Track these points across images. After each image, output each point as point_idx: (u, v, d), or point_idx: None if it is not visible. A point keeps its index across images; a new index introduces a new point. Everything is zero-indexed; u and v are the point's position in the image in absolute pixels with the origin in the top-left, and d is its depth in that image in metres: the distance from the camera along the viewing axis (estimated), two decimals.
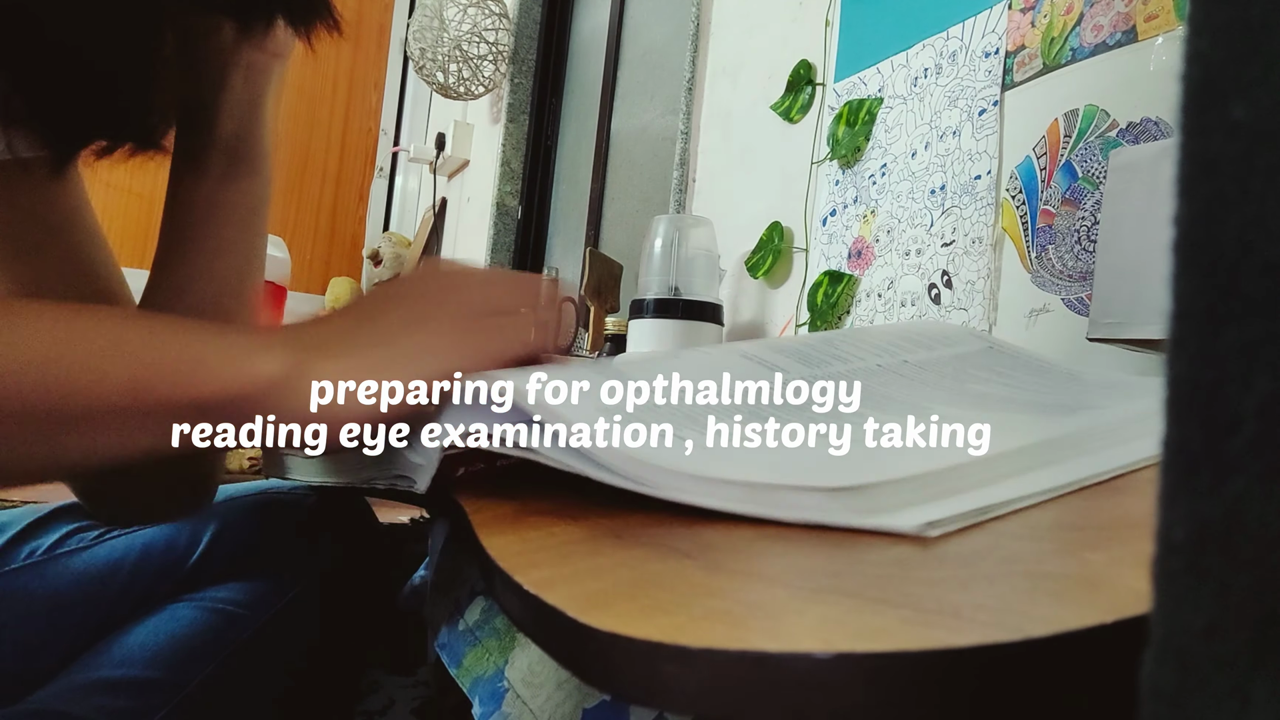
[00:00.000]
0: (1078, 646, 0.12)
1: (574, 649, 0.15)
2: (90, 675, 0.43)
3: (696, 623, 0.14)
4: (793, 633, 0.13)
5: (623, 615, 0.15)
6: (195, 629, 0.47)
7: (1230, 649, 0.09)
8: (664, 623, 0.14)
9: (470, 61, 2.16)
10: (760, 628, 0.14)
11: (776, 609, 0.15)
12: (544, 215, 2.33)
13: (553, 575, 0.18)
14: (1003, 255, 0.77)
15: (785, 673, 0.13)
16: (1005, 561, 0.17)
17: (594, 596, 0.16)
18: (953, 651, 0.12)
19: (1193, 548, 0.10)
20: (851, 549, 0.18)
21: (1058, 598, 0.14)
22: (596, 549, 0.20)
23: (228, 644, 0.47)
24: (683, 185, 1.36)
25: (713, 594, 0.16)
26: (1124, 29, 0.67)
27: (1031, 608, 0.14)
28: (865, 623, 0.13)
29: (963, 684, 0.12)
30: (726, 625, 0.14)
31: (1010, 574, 0.16)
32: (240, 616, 0.49)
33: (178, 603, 0.49)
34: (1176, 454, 0.10)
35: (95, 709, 0.41)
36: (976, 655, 0.12)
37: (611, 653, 0.14)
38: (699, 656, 0.13)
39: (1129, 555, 0.16)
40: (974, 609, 0.14)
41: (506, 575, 0.18)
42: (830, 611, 0.14)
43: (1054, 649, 0.12)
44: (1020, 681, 0.12)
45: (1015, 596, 0.14)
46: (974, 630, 0.13)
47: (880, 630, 0.13)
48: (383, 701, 0.62)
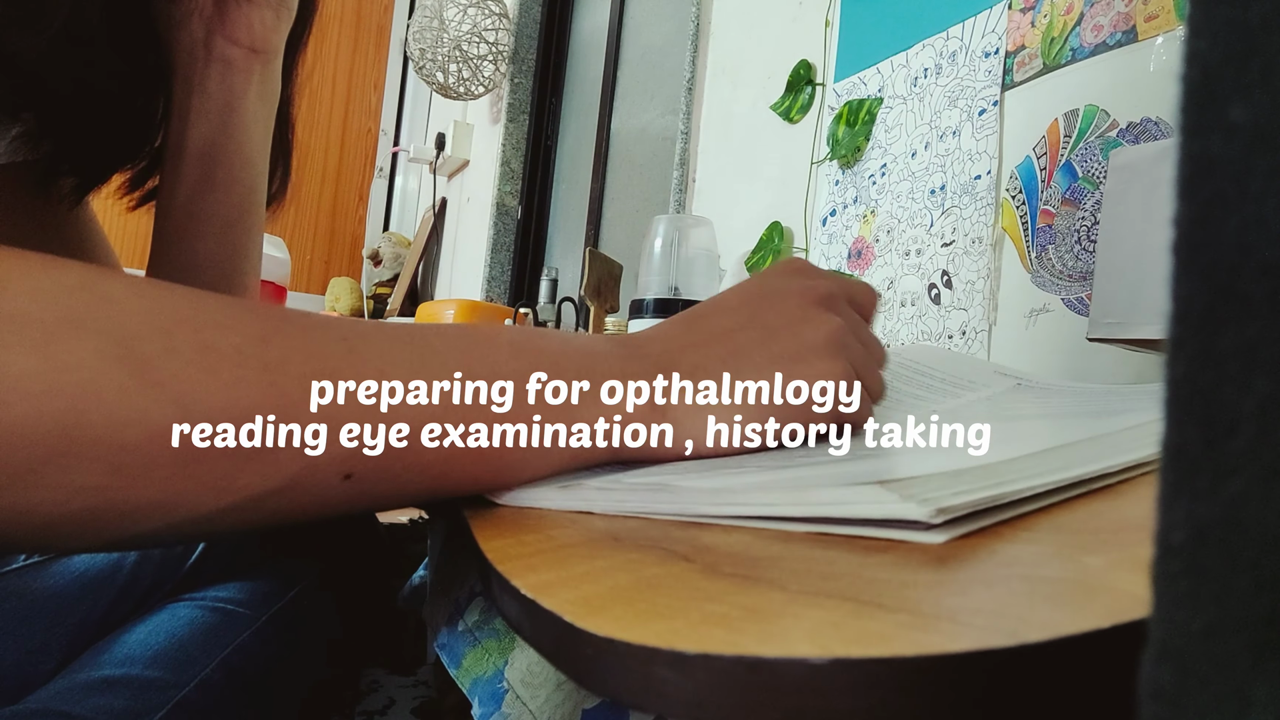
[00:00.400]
0: (1075, 651, 0.12)
1: (570, 653, 0.15)
2: (89, 675, 0.43)
3: (693, 627, 0.14)
4: (788, 638, 0.13)
5: (619, 620, 0.15)
6: (195, 628, 0.47)
7: (1230, 650, 0.09)
8: (660, 627, 0.14)
9: (470, 61, 2.16)
10: (756, 632, 0.14)
11: (773, 613, 0.15)
12: (544, 215, 2.33)
13: (550, 579, 0.18)
14: (1002, 255, 0.77)
15: (780, 678, 0.13)
16: (1003, 565, 0.17)
17: (590, 600, 0.16)
18: (948, 657, 0.12)
19: (1192, 549, 0.10)
20: (850, 552, 0.18)
21: (1055, 602, 0.14)
22: (594, 552, 0.20)
23: (227, 643, 0.47)
24: (683, 185, 1.36)
25: (710, 598, 0.16)
26: (1124, 29, 0.67)
27: (1028, 612, 0.14)
28: (861, 627, 0.13)
29: (959, 689, 0.12)
30: (723, 630, 0.14)
31: (1008, 578, 0.16)
32: (240, 615, 0.49)
33: (177, 602, 0.49)
34: (1175, 455, 0.10)
35: (94, 709, 0.41)
36: (972, 661, 0.12)
37: (607, 658, 0.14)
38: (694, 662, 0.13)
39: (1127, 559, 0.16)
40: (970, 613, 0.14)
41: (503, 578, 0.18)
42: (827, 616, 0.14)
43: (1050, 654, 0.12)
44: (1017, 687, 0.12)
45: (1012, 601, 0.14)
46: (970, 635, 0.13)
47: (876, 635, 0.13)
48: (383, 701, 0.62)
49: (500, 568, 0.19)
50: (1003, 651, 0.12)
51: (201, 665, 0.45)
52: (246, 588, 0.50)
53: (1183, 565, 0.10)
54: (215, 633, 0.47)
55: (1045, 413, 0.35)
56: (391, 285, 2.69)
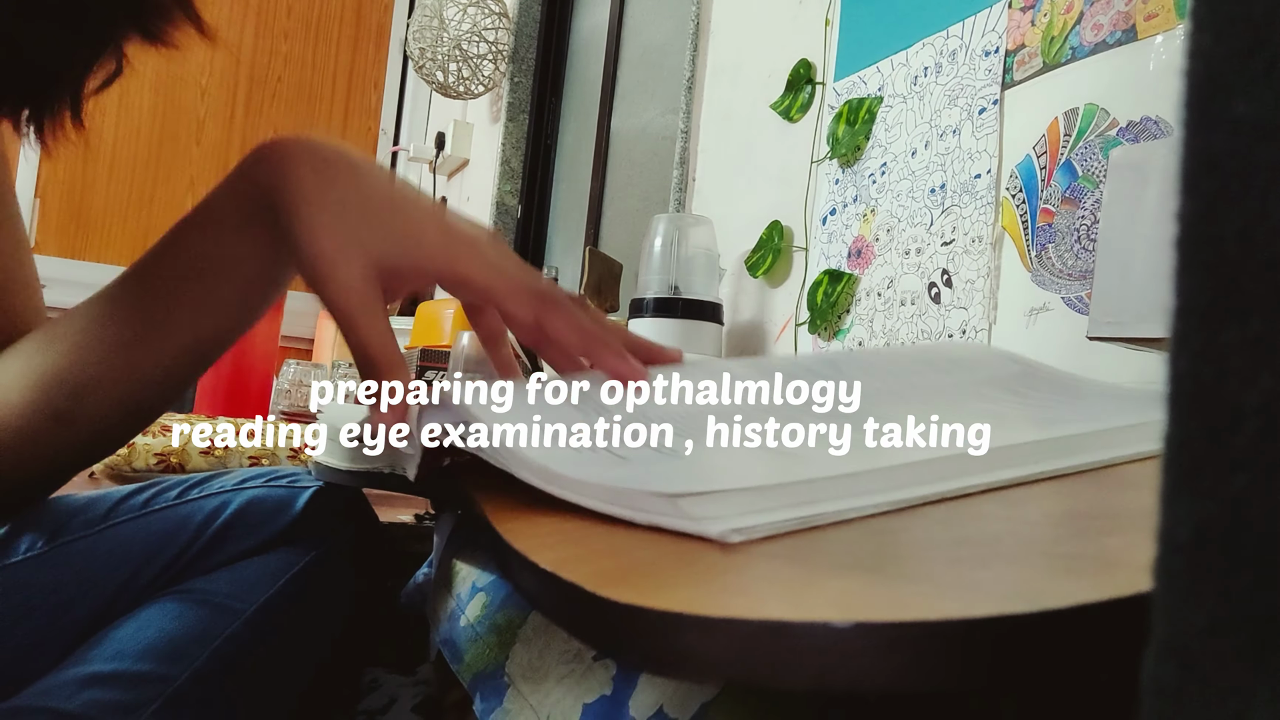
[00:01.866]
0: (1095, 619, 0.13)
1: (593, 624, 0.16)
2: (81, 670, 0.43)
3: (715, 595, 0.14)
4: (812, 604, 0.14)
5: (641, 589, 0.15)
6: (184, 621, 0.47)
7: (1232, 647, 0.09)
8: (682, 595, 0.14)
9: (470, 61, 2.16)
10: (780, 599, 0.14)
11: (796, 583, 0.15)
12: (544, 214, 2.33)
13: (569, 555, 0.18)
14: (1002, 254, 0.77)
15: (805, 641, 0.13)
16: (1024, 544, 0.17)
17: (610, 573, 0.16)
18: (970, 621, 0.12)
19: (1194, 546, 0.10)
20: (869, 532, 0.18)
21: (1076, 575, 0.14)
22: (611, 532, 0.20)
23: (218, 634, 0.47)
24: (683, 184, 1.36)
25: (730, 570, 0.16)
26: (1124, 28, 0.67)
27: (1049, 584, 0.14)
28: (884, 595, 0.14)
29: (980, 653, 0.12)
30: (746, 598, 0.14)
31: (1029, 554, 0.16)
32: (229, 607, 0.49)
33: (166, 596, 0.49)
34: (1178, 451, 0.10)
35: (86, 703, 0.41)
36: (994, 625, 0.12)
37: (632, 624, 0.15)
38: (719, 626, 0.13)
39: (1146, 540, 0.16)
40: (992, 583, 0.14)
41: (522, 556, 0.18)
42: (849, 585, 0.14)
43: (1071, 620, 0.12)
44: (1037, 652, 0.12)
45: (1034, 574, 0.15)
46: (991, 602, 0.13)
47: (898, 602, 0.13)
48: (383, 700, 0.62)
49: (519, 546, 0.19)
50: (1023, 617, 0.12)
51: (193, 657, 0.45)
52: (236, 579, 0.50)
53: (1185, 561, 0.10)
54: (205, 625, 0.47)
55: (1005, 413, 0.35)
56: None
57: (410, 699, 0.63)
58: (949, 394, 0.38)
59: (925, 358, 0.43)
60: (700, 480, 0.22)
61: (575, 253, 2.05)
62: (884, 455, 0.26)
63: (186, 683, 0.44)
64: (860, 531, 0.19)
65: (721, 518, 0.19)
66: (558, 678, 0.31)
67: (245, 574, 0.51)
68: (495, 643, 0.37)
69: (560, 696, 0.30)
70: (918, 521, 0.19)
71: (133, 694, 0.42)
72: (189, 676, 0.44)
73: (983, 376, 0.42)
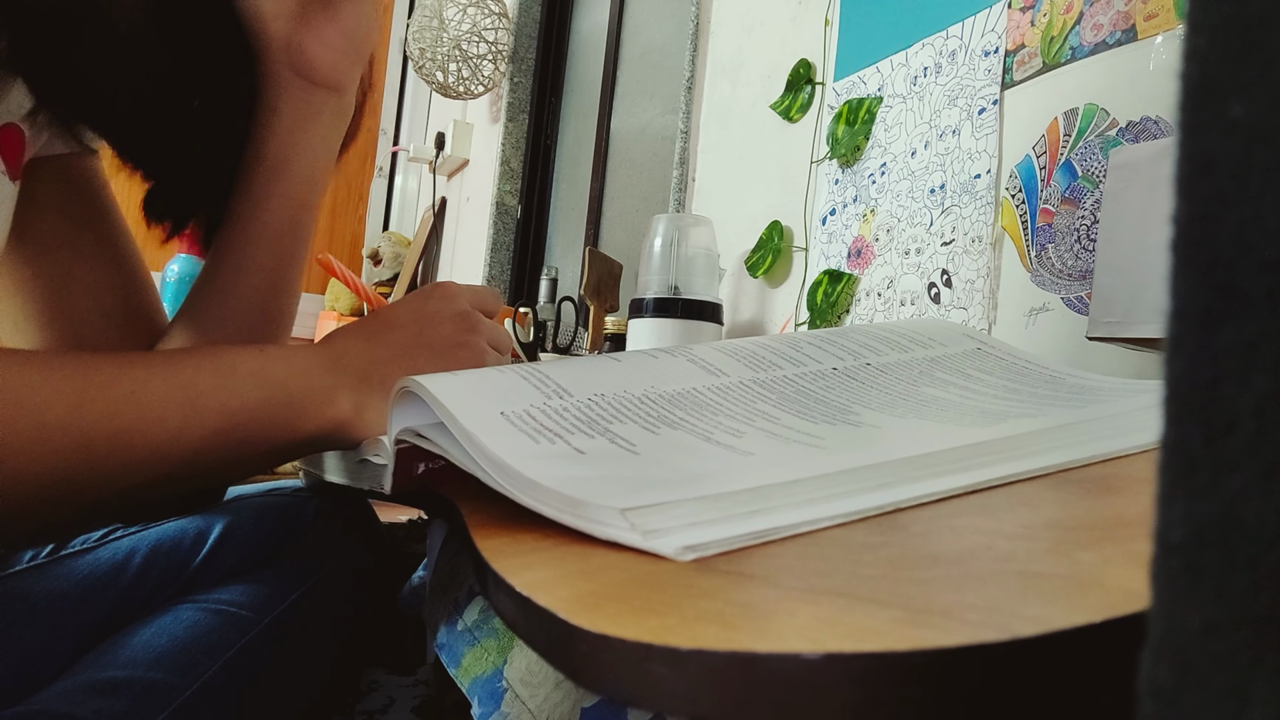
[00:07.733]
0: (1067, 646, 0.12)
1: (565, 651, 0.15)
2: (92, 676, 0.43)
3: (687, 624, 0.14)
4: (782, 633, 0.13)
5: (613, 617, 0.15)
6: (197, 630, 0.47)
7: (1229, 648, 0.09)
8: (654, 624, 0.14)
9: (470, 61, 2.16)
10: (750, 628, 0.14)
11: (767, 609, 0.15)
12: (544, 215, 2.33)
13: (545, 577, 0.18)
14: (1002, 254, 0.77)
15: (774, 673, 0.13)
16: (998, 560, 0.17)
17: (585, 598, 0.16)
18: (941, 651, 0.12)
19: (1191, 547, 0.10)
20: (844, 548, 0.18)
21: (1048, 597, 0.14)
22: (590, 550, 0.20)
23: (230, 645, 0.47)
24: (682, 184, 1.36)
25: (704, 594, 0.16)
26: (1124, 28, 0.67)
27: (1021, 607, 0.14)
28: (855, 623, 0.13)
29: (952, 684, 0.12)
30: (717, 626, 0.14)
31: (1003, 573, 0.16)
32: (243, 618, 0.49)
33: (181, 604, 0.49)
34: (1174, 453, 0.10)
35: (95, 711, 0.41)
36: (965, 655, 0.12)
37: (602, 655, 0.14)
38: (689, 658, 0.13)
39: (1120, 554, 0.16)
40: (964, 609, 0.14)
41: (499, 576, 0.18)
42: (821, 612, 0.14)
43: (1043, 648, 0.12)
44: (1010, 681, 0.12)
45: (1006, 596, 0.14)
46: (963, 630, 0.13)
47: (870, 630, 0.13)
48: (383, 701, 0.62)
49: (496, 565, 0.19)
50: (995, 646, 0.12)
51: (204, 668, 0.45)
52: (250, 590, 0.50)
53: (1182, 563, 0.10)
54: (218, 635, 0.47)
55: (956, 402, 0.35)
56: (391, 285, 2.69)
57: (409, 700, 0.63)
58: (904, 377, 0.38)
59: (883, 335, 0.43)
60: (650, 490, 0.22)
61: (575, 253, 2.05)
62: (836, 458, 0.25)
63: (197, 693, 0.44)
64: (827, 545, 0.19)
65: (673, 530, 0.19)
66: (556, 682, 0.31)
67: (260, 584, 0.51)
68: (493, 647, 0.37)
69: (559, 701, 0.30)
70: (892, 535, 0.19)
71: (143, 702, 0.42)
72: (200, 687, 0.45)
73: (937, 354, 0.42)
